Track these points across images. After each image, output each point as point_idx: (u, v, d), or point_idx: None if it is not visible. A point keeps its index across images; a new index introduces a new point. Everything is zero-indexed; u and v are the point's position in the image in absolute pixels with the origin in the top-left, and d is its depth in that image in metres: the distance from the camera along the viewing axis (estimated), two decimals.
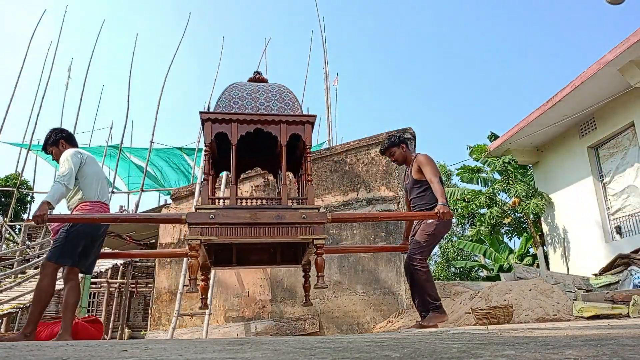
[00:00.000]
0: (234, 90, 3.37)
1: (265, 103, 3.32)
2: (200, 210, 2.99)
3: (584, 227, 9.55)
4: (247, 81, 3.66)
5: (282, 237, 3.00)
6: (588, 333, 1.85)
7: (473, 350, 1.28)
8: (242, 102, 3.30)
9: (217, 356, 1.28)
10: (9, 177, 16.13)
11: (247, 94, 3.35)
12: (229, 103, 3.28)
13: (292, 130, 3.20)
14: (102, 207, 3.60)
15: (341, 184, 6.46)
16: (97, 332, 4.45)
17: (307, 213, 3.04)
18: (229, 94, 3.34)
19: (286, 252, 3.73)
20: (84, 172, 3.51)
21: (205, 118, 3.17)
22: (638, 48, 7.06)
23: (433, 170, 3.63)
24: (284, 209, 3.06)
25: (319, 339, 2.01)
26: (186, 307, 6.21)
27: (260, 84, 3.54)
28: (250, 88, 3.42)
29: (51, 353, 1.38)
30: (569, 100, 8.72)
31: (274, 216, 2.99)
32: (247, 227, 2.96)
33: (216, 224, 2.93)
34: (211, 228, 2.92)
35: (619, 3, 4.60)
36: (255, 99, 3.33)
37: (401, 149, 3.94)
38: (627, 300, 4.17)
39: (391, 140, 3.95)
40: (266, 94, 3.38)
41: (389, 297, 5.76)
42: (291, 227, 3.00)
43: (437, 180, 3.55)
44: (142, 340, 2.99)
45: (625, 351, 1.14)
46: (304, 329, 5.81)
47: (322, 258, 3.06)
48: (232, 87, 3.42)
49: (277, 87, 3.49)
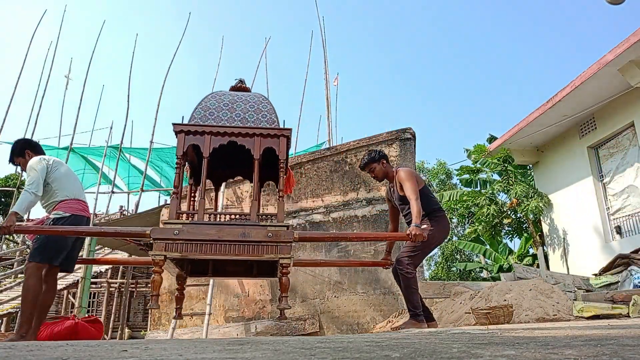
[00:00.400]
0: (211, 101, 3.33)
1: (241, 114, 3.27)
2: (167, 224, 2.95)
3: (584, 227, 9.54)
4: (229, 89, 3.61)
5: (247, 255, 2.94)
6: (588, 333, 1.85)
7: (473, 350, 1.28)
8: (218, 112, 3.26)
9: (217, 356, 1.28)
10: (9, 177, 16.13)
11: (224, 105, 3.31)
12: (205, 114, 3.24)
13: (266, 143, 3.16)
14: (81, 204, 3.61)
15: (341, 183, 6.46)
16: (97, 332, 4.45)
17: (274, 231, 2.97)
18: (205, 104, 3.30)
19: (263, 264, 3.65)
20: (54, 175, 3.52)
21: (178, 130, 3.12)
22: (638, 48, 7.06)
23: (413, 187, 3.52)
24: (251, 225, 3.01)
25: (319, 339, 2.01)
26: (186, 307, 6.21)
27: (240, 93, 3.48)
28: (229, 98, 3.38)
29: (51, 353, 1.38)
30: (569, 100, 8.72)
31: (240, 233, 2.93)
32: (212, 243, 2.91)
33: (180, 240, 2.88)
34: (175, 244, 2.88)
35: (619, 3, 4.60)
36: (231, 110, 3.28)
37: (381, 165, 3.81)
38: (627, 300, 4.17)
39: (371, 155, 3.82)
40: (243, 105, 3.33)
41: (389, 297, 5.76)
42: (256, 246, 2.94)
43: (415, 198, 3.45)
44: (142, 340, 2.99)
45: (625, 351, 1.14)
46: (304, 329, 5.81)
47: (287, 278, 3.01)
48: (210, 96, 3.37)
49: (255, 97, 3.43)
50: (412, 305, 3.48)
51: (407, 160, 6.38)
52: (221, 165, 3.88)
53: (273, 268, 3.59)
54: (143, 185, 13.54)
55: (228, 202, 6.77)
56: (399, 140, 6.44)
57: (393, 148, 6.44)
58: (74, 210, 3.50)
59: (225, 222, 3.11)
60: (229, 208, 6.78)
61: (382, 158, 3.82)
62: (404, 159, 6.38)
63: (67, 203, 3.50)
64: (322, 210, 6.29)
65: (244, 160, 3.50)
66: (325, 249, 6.16)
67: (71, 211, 3.48)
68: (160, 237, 2.90)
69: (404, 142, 6.44)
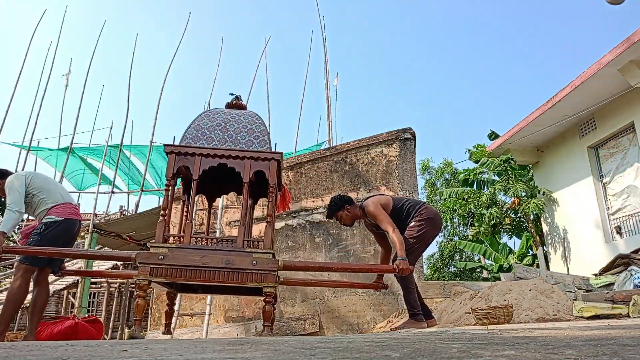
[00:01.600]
0: (204, 120, 3.31)
1: (233, 135, 3.25)
2: (153, 247, 2.95)
3: (584, 227, 9.55)
4: (225, 106, 3.59)
5: (231, 282, 2.94)
6: (588, 333, 1.85)
7: (473, 350, 1.28)
8: (211, 133, 3.24)
9: (217, 356, 1.28)
10: None
11: (216, 124, 3.29)
12: (197, 134, 3.22)
13: (256, 166, 3.15)
14: (72, 207, 3.64)
15: (341, 183, 6.46)
16: (97, 332, 4.45)
17: (258, 259, 2.96)
18: (198, 124, 3.28)
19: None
20: (35, 186, 3.54)
21: (168, 151, 3.12)
22: (638, 48, 7.07)
23: (385, 220, 3.45)
24: (236, 252, 3.00)
25: (319, 339, 2.01)
26: (186, 307, 6.21)
27: (234, 112, 3.46)
28: (222, 118, 3.36)
29: (51, 353, 1.38)
30: (569, 100, 8.72)
31: (224, 260, 2.93)
32: (196, 269, 2.91)
33: (165, 265, 2.89)
34: (160, 269, 2.89)
35: (619, 3, 4.60)
36: (224, 130, 3.27)
37: (346, 211, 3.69)
38: (627, 300, 4.17)
39: (333, 204, 3.71)
40: (236, 125, 3.32)
41: (389, 297, 5.76)
42: (240, 273, 2.93)
43: (392, 230, 3.39)
44: (142, 340, 2.99)
45: (625, 351, 1.14)
46: (304, 329, 5.81)
47: (271, 307, 3.00)
48: (203, 115, 3.36)
49: (249, 117, 3.41)
50: (410, 305, 3.48)
51: (407, 160, 6.39)
52: (215, 180, 3.85)
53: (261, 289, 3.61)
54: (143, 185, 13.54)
55: (228, 202, 6.77)
56: (399, 140, 6.44)
57: (393, 148, 6.44)
58: (66, 214, 3.53)
59: (210, 247, 3.08)
60: (229, 208, 6.78)
61: (345, 204, 3.71)
62: (404, 159, 6.38)
63: (59, 207, 3.53)
64: (323, 210, 6.30)
65: (237, 177, 3.51)
66: (325, 249, 6.16)
67: (64, 215, 3.51)
68: (145, 261, 2.90)
69: (404, 142, 6.44)
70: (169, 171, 3.10)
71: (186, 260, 2.91)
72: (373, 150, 6.46)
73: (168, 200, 3.13)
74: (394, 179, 6.28)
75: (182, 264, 2.90)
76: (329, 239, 6.21)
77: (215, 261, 2.92)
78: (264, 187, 3.54)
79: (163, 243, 3.01)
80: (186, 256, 2.93)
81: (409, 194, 6.17)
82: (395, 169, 6.29)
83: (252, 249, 3.05)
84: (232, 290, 3.72)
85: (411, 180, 6.31)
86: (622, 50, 7.17)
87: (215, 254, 2.96)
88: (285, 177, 6.67)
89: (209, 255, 2.95)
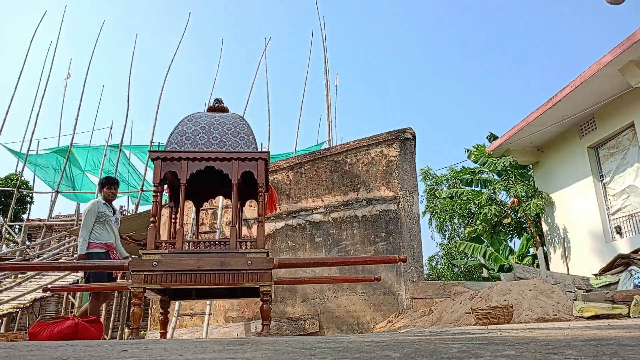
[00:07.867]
0: (187, 124, 3.29)
1: (218, 137, 3.24)
2: (145, 255, 2.94)
3: (584, 227, 9.54)
4: (207, 110, 3.57)
5: (227, 283, 2.93)
6: (588, 333, 1.85)
7: (473, 350, 1.28)
8: (195, 136, 3.22)
9: (217, 356, 1.28)
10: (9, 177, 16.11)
11: (200, 128, 3.28)
12: (181, 138, 3.20)
13: (244, 167, 3.14)
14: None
15: (341, 184, 6.46)
16: (97, 332, 4.44)
17: (253, 258, 2.95)
18: (182, 129, 3.26)
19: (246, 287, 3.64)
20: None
21: (154, 157, 3.10)
22: (638, 48, 7.06)
23: None
24: (230, 253, 2.99)
25: (319, 339, 2.01)
26: (186, 307, 6.21)
27: (217, 114, 3.45)
28: (205, 121, 3.34)
29: (51, 353, 1.38)
30: (569, 100, 8.71)
31: (218, 262, 2.92)
32: (191, 273, 2.90)
33: (159, 271, 2.88)
34: (154, 275, 2.88)
35: (619, 3, 4.59)
36: (208, 133, 3.25)
37: None
38: (627, 300, 4.17)
39: None
40: (221, 128, 3.30)
41: (389, 297, 5.76)
42: (236, 274, 2.93)
43: None
44: (142, 340, 2.99)
45: (625, 351, 1.14)
46: (304, 329, 5.80)
47: (269, 306, 3.00)
48: (186, 120, 3.33)
49: (233, 119, 3.40)
50: None
51: (407, 161, 6.39)
52: (202, 184, 3.84)
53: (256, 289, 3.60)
54: (143, 185, 13.54)
55: (228, 202, 6.77)
56: (399, 140, 6.44)
57: (393, 148, 6.44)
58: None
59: (204, 250, 3.08)
60: (229, 209, 6.78)
61: None
62: (404, 159, 6.38)
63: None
64: (322, 210, 6.29)
65: (224, 179, 3.49)
66: (325, 249, 6.16)
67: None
68: (138, 269, 2.89)
69: (404, 142, 6.44)
70: (155, 177, 3.08)
71: (180, 265, 2.90)
72: (373, 151, 6.46)
73: (157, 206, 3.11)
74: (394, 179, 6.28)
75: (177, 268, 2.89)
76: (329, 239, 6.21)
77: (210, 264, 2.92)
78: (251, 188, 3.53)
79: (155, 249, 2.99)
80: (180, 261, 2.92)
81: (409, 194, 6.17)
82: (395, 169, 6.29)
83: (246, 249, 3.05)
84: (226, 294, 3.71)
85: (411, 181, 6.31)
86: (622, 50, 7.17)
87: (210, 256, 2.96)
88: (286, 177, 6.67)
89: (203, 258, 2.94)
